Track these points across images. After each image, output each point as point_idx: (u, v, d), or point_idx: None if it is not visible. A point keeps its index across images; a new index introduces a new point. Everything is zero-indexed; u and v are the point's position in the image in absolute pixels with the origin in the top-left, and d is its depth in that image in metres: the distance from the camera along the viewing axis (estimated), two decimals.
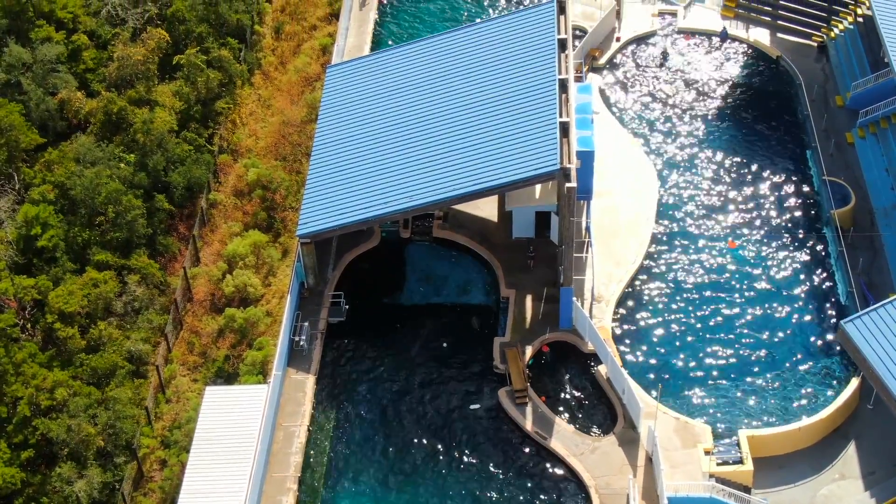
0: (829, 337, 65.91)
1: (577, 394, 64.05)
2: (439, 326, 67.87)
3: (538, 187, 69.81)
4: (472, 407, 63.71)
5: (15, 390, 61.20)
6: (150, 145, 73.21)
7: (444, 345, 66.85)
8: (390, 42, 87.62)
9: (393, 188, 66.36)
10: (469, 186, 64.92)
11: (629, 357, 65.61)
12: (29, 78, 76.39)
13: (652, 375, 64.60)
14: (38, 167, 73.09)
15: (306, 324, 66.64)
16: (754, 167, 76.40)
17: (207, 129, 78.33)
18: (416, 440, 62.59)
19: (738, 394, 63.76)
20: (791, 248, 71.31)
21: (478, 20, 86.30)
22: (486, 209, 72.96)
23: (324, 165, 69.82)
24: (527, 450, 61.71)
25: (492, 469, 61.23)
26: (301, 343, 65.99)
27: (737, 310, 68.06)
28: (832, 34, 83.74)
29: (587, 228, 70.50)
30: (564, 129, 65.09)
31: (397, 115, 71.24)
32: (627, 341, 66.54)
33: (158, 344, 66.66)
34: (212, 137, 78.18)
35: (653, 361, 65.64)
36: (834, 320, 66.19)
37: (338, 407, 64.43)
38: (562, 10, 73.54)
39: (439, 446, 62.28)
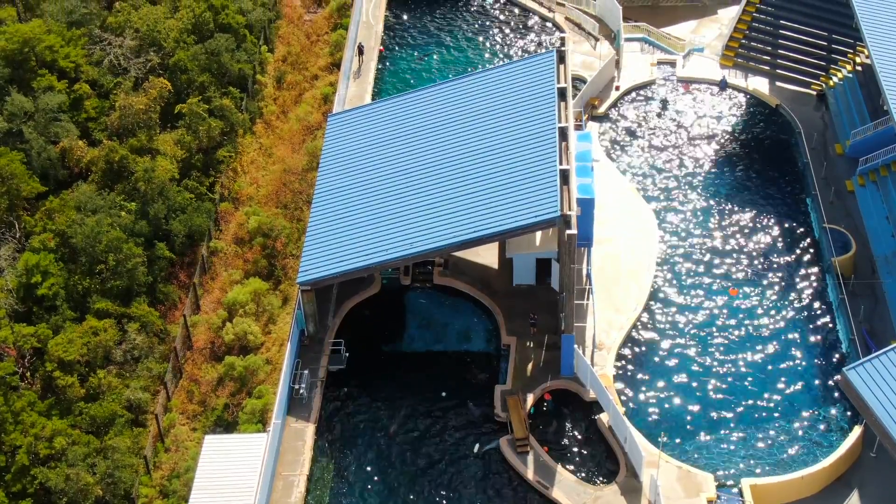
0: (832, 384, 65.60)
1: (579, 442, 63.65)
2: (440, 374, 67.57)
3: (539, 234, 69.86)
4: (475, 450, 63.30)
5: (14, 439, 60.83)
6: (152, 194, 73.35)
7: (444, 393, 66.50)
8: (391, 85, 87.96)
9: (393, 235, 66.40)
10: (469, 233, 64.96)
11: (631, 405, 65.28)
12: (31, 127, 76.68)
13: (654, 423, 64.22)
14: (39, 215, 73.15)
15: (306, 372, 66.39)
16: (754, 215, 76.49)
17: (209, 178, 78.53)
18: (417, 490, 62.07)
19: (741, 442, 63.36)
20: (792, 296, 71.19)
21: (478, 69, 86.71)
22: (487, 256, 72.97)
23: (325, 213, 69.91)
24: (529, 499, 61.18)
25: None
26: (301, 391, 65.69)
27: (739, 358, 67.82)
28: (831, 83, 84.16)
29: (588, 275, 70.45)
30: (565, 177, 65.25)
31: (398, 162, 71.46)
32: (629, 389, 66.26)
33: (158, 392, 66.38)
34: (213, 185, 78.35)
35: (655, 409, 65.29)
36: (836, 367, 65.90)
37: (338, 456, 63.99)
38: (561, 59, 74.01)
39: (441, 495, 61.78)
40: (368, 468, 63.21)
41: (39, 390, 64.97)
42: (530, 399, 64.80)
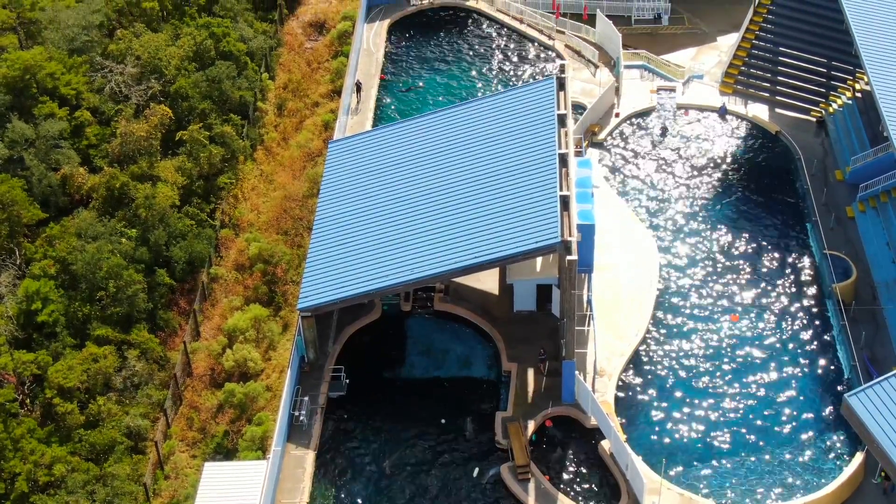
0: (834, 411, 65.40)
1: (580, 469, 63.38)
2: (441, 401, 67.36)
3: (539, 260, 69.85)
4: (474, 475, 63.05)
5: (13, 466, 60.61)
6: (152, 220, 73.39)
7: (444, 420, 66.26)
8: (392, 113, 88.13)
9: (394, 261, 66.38)
10: (470, 259, 64.94)
11: (632, 432, 65.05)
12: (31, 153, 76.82)
13: (656, 450, 64.00)
14: (40, 242, 73.18)
15: (306, 398, 66.19)
16: (755, 241, 76.49)
17: (209, 204, 78.61)
18: None
19: (743, 469, 63.10)
20: (793, 322, 71.09)
21: (479, 96, 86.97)
22: (488, 282, 72.92)
23: (325, 239, 69.92)
24: None
25: None
26: (301, 418, 65.48)
27: (740, 384, 67.65)
28: (831, 109, 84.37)
29: (589, 301, 70.37)
30: (565, 203, 65.29)
31: (398, 188, 71.54)
32: (630, 416, 66.04)
33: (157, 419, 66.17)
34: (214, 212, 78.41)
35: (656, 436, 65.06)
36: (837, 394, 65.71)
37: (338, 483, 63.70)
38: (561, 86, 74.21)
39: None
40: (368, 496, 62.90)
41: (39, 417, 64.79)
42: (531, 426, 64.58)
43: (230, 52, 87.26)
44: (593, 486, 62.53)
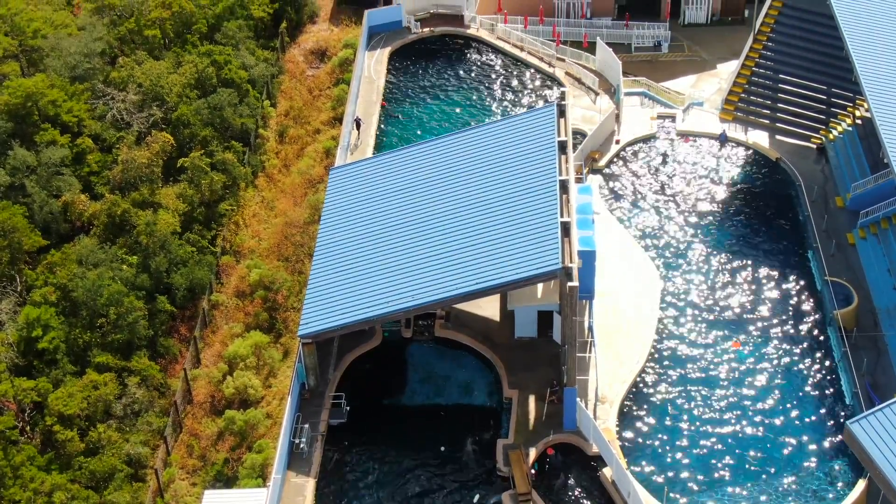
0: (835, 438, 65.21)
1: (581, 497, 63.13)
2: (441, 428, 67.17)
3: (540, 287, 69.82)
4: (475, 502, 62.84)
5: (13, 493, 60.41)
6: (153, 247, 73.45)
7: (445, 448, 66.04)
8: (393, 139, 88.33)
9: (394, 288, 66.36)
10: (471, 286, 64.91)
11: (634, 459, 64.84)
12: (33, 180, 76.97)
13: (658, 477, 63.78)
14: (41, 269, 73.20)
15: (307, 426, 66.01)
16: (756, 267, 76.47)
17: (210, 231, 78.71)
18: None
19: (745, 496, 62.85)
20: (795, 349, 70.99)
21: (479, 123, 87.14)
22: (489, 308, 72.85)
23: (326, 265, 69.93)
24: None
25: None
26: (301, 446, 65.28)
27: (742, 411, 67.48)
28: (831, 136, 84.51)
29: (590, 328, 70.30)
30: (566, 229, 65.34)
31: (399, 215, 71.60)
32: (632, 443, 65.85)
33: (157, 447, 66.02)
34: (215, 239, 78.49)
35: (658, 464, 64.84)
36: (839, 421, 65.54)
37: None
38: (562, 113, 74.42)
39: None
40: None
41: (39, 444, 64.67)
42: (533, 453, 64.39)
43: (232, 79, 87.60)
44: None
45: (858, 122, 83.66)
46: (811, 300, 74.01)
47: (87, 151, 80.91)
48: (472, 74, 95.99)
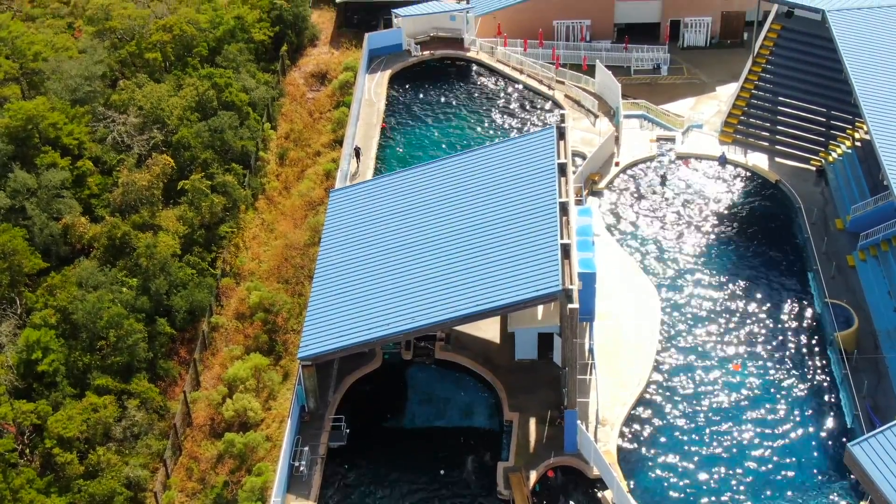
0: (836, 460, 65.02)
1: None
2: (442, 451, 67.01)
3: (540, 309, 69.77)
4: None
5: None
6: (153, 269, 73.46)
7: (445, 470, 65.86)
8: (394, 163, 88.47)
9: (395, 310, 66.31)
10: (471, 308, 64.87)
11: (635, 482, 64.64)
12: (33, 203, 77.04)
13: (658, 500, 63.57)
14: (41, 291, 73.19)
15: (306, 449, 65.83)
16: (756, 290, 76.43)
17: (211, 253, 78.75)
18: None
19: None
20: (795, 371, 70.89)
21: (479, 145, 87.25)
22: (489, 331, 72.79)
23: (326, 287, 69.91)
24: None
25: None
26: (301, 468, 65.07)
27: (742, 433, 67.31)
28: (830, 158, 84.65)
29: (590, 350, 70.22)
30: (566, 251, 65.36)
31: (399, 237, 71.64)
32: (633, 465, 65.65)
33: (157, 470, 65.85)
34: (215, 261, 78.53)
35: (659, 486, 64.62)
36: (840, 443, 65.39)
37: None
38: (561, 135, 74.56)
39: None
40: None
41: (38, 467, 64.51)
42: (533, 476, 64.19)
43: (232, 102, 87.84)
44: None
45: (858, 144, 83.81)
46: (811, 322, 73.95)
47: (88, 174, 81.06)
48: (472, 97, 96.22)
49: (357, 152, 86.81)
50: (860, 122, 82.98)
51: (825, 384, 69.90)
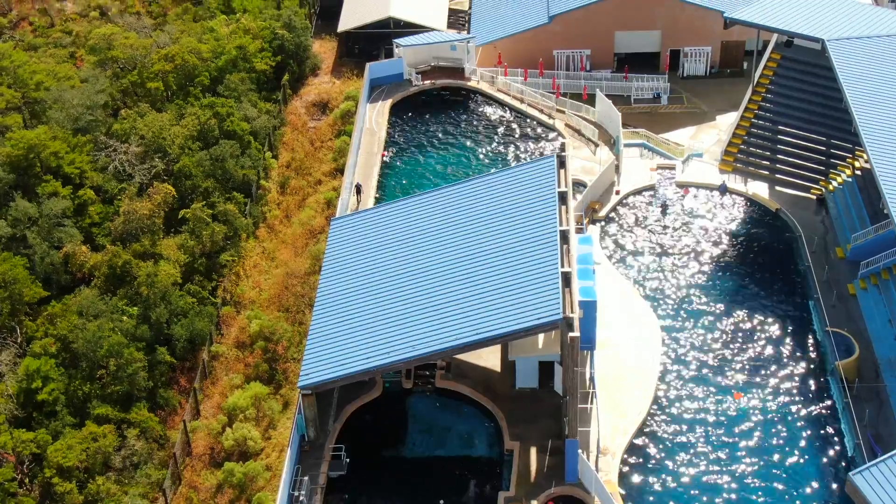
0: (838, 489, 64.75)
1: None
2: (442, 480, 66.74)
3: (541, 337, 69.69)
4: None
5: None
6: (154, 298, 73.46)
7: (445, 500, 65.52)
8: (395, 189, 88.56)
9: (395, 338, 66.23)
10: (471, 336, 64.78)
11: None
12: (34, 232, 77.16)
13: None
14: (41, 320, 73.20)
15: (306, 478, 65.57)
16: (756, 318, 76.36)
17: (211, 282, 78.79)
18: None
19: None
20: (796, 400, 70.71)
21: (480, 174, 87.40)
22: (490, 359, 72.68)
23: (327, 316, 69.84)
24: None
25: None
26: (301, 498, 64.78)
27: (744, 462, 67.08)
28: (831, 187, 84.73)
29: (591, 379, 70.07)
30: (566, 279, 65.34)
31: (400, 265, 71.63)
32: (634, 495, 65.38)
33: (156, 499, 65.64)
34: (215, 290, 78.53)
35: None
36: (842, 472, 65.15)
37: None
38: (562, 164, 74.71)
39: None
40: None
41: (38, 497, 64.31)
42: None
43: (234, 131, 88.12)
44: None
45: (858, 172, 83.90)
46: (812, 351, 73.82)
47: (89, 203, 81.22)
48: (473, 126, 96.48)
49: (358, 189, 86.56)
50: (860, 151, 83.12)
51: (826, 413, 69.72)
